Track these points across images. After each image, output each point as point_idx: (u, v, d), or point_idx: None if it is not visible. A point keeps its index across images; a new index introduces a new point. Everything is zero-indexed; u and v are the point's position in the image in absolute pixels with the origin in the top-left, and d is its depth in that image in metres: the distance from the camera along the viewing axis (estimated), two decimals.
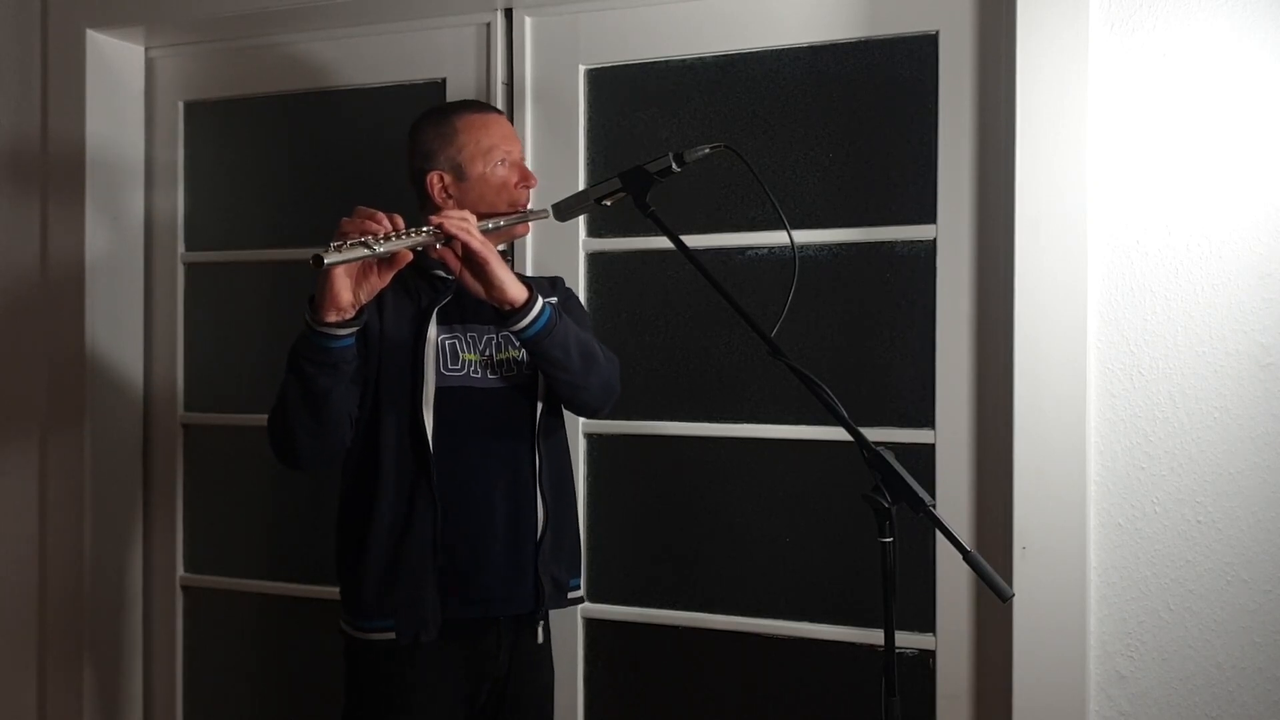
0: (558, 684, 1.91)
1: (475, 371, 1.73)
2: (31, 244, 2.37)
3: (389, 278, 1.56)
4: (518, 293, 1.60)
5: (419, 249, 1.57)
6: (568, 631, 2.11)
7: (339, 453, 1.69)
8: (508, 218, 1.70)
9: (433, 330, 1.70)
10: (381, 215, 1.54)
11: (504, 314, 1.61)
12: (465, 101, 1.88)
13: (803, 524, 2.03)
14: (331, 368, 1.57)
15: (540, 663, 1.83)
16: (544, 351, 1.64)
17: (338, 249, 1.46)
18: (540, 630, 1.79)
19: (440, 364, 1.70)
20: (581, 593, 1.87)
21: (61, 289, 2.35)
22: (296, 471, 1.73)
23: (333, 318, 1.54)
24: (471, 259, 1.57)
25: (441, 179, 1.74)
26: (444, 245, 1.58)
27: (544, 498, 1.74)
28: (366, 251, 1.48)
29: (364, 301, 1.56)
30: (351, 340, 1.58)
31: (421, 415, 1.67)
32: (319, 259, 1.44)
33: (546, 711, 1.85)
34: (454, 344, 1.72)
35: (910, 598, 1.92)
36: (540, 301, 1.62)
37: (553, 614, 1.84)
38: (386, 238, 1.51)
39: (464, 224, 1.57)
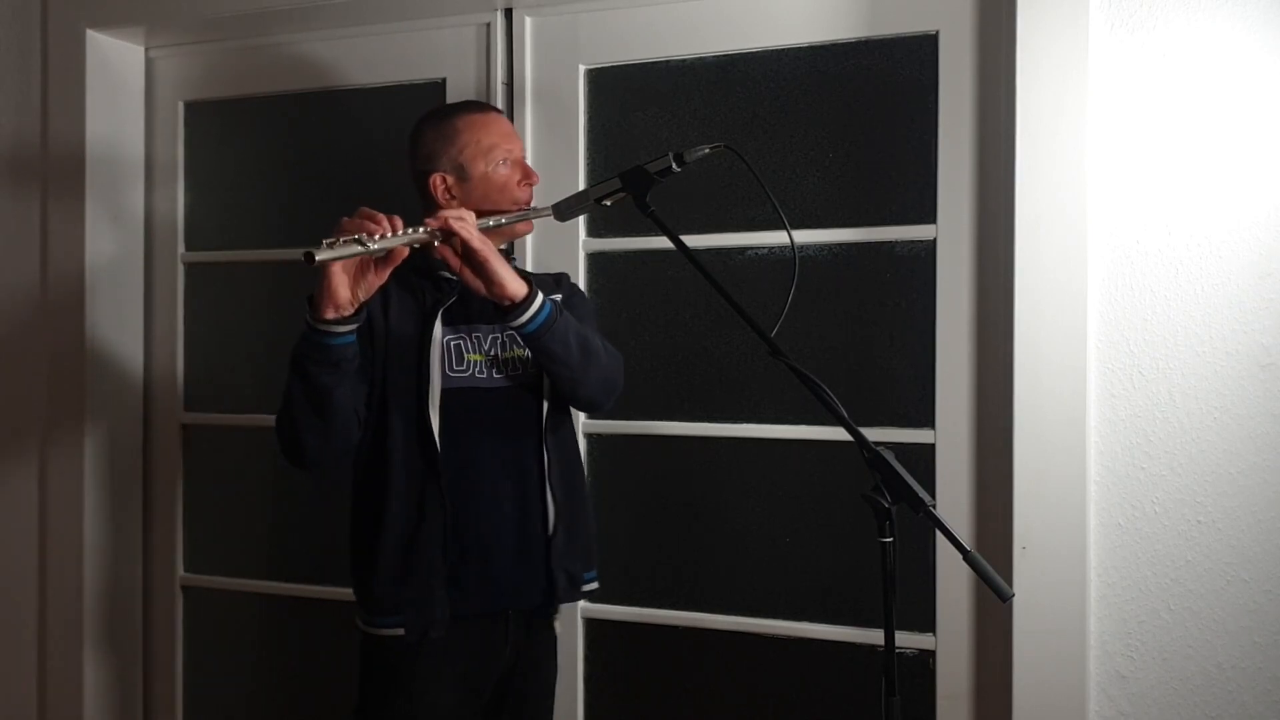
0: (558, 684, 1.90)
1: (481, 371, 1.73)
2: (32, 244, 2.37)
3: (386, 275, 1.57)
4: (517, 288, 1.60)
5: (416, 246, 1.57)
6: (568, 631, 2.11)
7: (347, 451, 1.70)
8: (509, 215, 1.71)
9: (438, 331, 1.71)
10: (382, 216, 1.54)
11: (503, 310, 1.62)
12: (464, 102, 1.88)
13: (803, 524, 2.03)
14: (332, 365, 1.57)
15: (547, 657, 1.85)
16: (544, 347, 1.64)
17: (330, 245, 1.47)
18: (555, 623, 1.81)
19: (445, 365, 1.71)
20: (596, 585, 1.85)
21: (62, 289, 2.34)
22: (305, 471, 1.73)
23: (331, 314, 1.54)
24: (471, 256, 1.59)
25: (444, 180, 1.75)
26: (442, 242, 1.59)
27: (554, 494, 1.75)
28: (359, 248, 1.48)
29: (363, 299, 1.57)
30: (352, 338, 1.58)
31: (428, 416, 1.68)
32: (310, 255, 1.45)
33: (547, 707, 1.86)
34: (459, 344, 1.73)
35: (910, 598, 1.92)
36: (540, 297, 1.63)
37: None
38: (383, 235, 1.51)
39: (461, 221, 1.58)
